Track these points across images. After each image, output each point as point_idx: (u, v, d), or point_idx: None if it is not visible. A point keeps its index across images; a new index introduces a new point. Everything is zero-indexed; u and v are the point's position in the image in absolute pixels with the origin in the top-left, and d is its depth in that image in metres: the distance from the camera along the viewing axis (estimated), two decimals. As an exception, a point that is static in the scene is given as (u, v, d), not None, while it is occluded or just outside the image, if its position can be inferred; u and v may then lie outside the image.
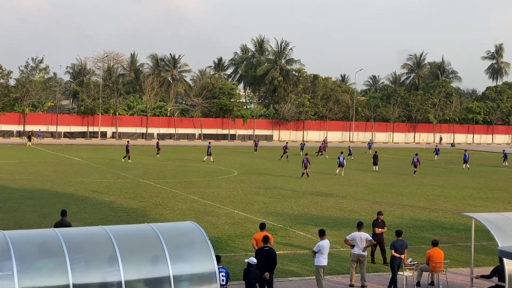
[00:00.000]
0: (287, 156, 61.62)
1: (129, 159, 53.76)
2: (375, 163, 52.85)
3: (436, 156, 68.39)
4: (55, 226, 17.20)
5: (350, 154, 64.59)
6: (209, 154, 56.40)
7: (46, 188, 34.75)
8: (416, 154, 52.47)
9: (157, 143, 62.41)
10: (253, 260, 15.09)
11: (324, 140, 78.79)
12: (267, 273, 15.51)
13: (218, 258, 15.35)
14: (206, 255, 13.27)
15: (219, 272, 14.04)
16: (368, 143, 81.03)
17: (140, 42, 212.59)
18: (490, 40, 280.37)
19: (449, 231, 26.14)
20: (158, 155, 60.07)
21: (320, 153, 68.57)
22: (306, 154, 48.44)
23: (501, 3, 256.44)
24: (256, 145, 72.73)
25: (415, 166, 50.55)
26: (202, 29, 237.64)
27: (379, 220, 20.67)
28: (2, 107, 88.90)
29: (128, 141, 58.44)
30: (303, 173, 44.95)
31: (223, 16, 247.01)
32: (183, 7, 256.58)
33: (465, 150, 62.13)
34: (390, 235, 23.46)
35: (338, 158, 48.21)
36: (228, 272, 15.13)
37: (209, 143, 62.20)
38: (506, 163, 62.54)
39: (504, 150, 66.94)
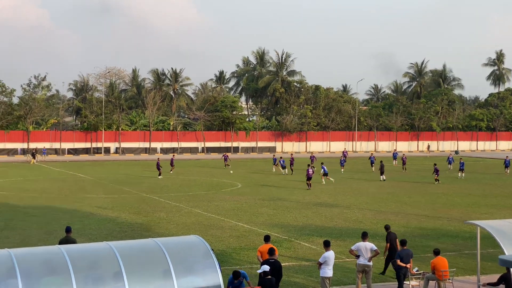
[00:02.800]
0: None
1: (160, 175, 52.23)
2: (382, 173, 52.58)
3: (449, 165, 64.39)
4: (60, 243, 17.23)
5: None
6: (285, 167, 57.64)
7: (51, 205, 34.79)
8: (435, 164, 51.86)
9: (172, 159, 59.59)
10: (267, 267, 15.00)
11: (344, 152, 73.88)
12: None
13: (237, 274, 15.29)
14: (211, 269, 13.27)
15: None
16: (393, 153, 76.86)
17: (141, 57, 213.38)
18: (491, 47, 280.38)
19: (455, 239, 26.06)
20: (171, 172, 56.85)
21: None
22: (309, 165, 47.23)
23: (500, 9, 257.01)
24: (225, 160, 65.90)
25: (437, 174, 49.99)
26: (203, 42, 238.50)
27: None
28: (6, 125, 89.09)
29: (158, 158, 56.40)
30: (308, 184, 44.46)
31: (224, 28, 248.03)
32: (183, 21, 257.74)
33: (460, 158, 60.31)
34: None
35: (322, 168, 49.66)
36: (246, 274, 15.84)
37: (279, 157, 61.79)
38: (508, 171, 60.85)
39: (507, 157, 65.74)
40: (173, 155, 64.46)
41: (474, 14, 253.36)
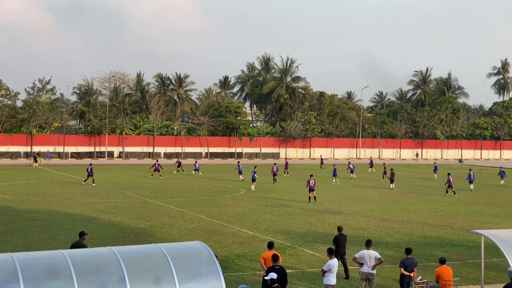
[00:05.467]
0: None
1: (93, 182, 49.27)
2: (392, 181, 51.88)
3: (435, 174, 63.84)
4: (72, 247, 17.37)
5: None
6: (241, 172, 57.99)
7: (54, 209, 34.74)
8: (449, 174, 48.89)
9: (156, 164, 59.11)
10: (275, 275, 14.76)
11: (321, 159, 72.90)
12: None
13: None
14: (215, 275, 13.20)
15: None
16: (370, 161, 75.61)
17: (145, 61, 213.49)
18: (496, 56, 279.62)
19: (459, 248, 25.93)
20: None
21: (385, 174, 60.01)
22: (311, 176, 41.88)
23: (507, 18, 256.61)
24: (179, 165, 65.09)
25: (451, 186, 46.94)
26: (207, 46, 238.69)
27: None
28: (10, 129, 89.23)
29: (90, 164, 53.74)
30: (310, 197, 40.32)
31: (228, 33, 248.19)
32: (187, 26, 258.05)
33: (470, 169, 56.15)
34: (399, 252, 23.33)
35: (253, 172, 49.76)
36: None
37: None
38: (503, 182, 58.15)
39: (502, 167, 62.20)
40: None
41: (480, 22, 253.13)
